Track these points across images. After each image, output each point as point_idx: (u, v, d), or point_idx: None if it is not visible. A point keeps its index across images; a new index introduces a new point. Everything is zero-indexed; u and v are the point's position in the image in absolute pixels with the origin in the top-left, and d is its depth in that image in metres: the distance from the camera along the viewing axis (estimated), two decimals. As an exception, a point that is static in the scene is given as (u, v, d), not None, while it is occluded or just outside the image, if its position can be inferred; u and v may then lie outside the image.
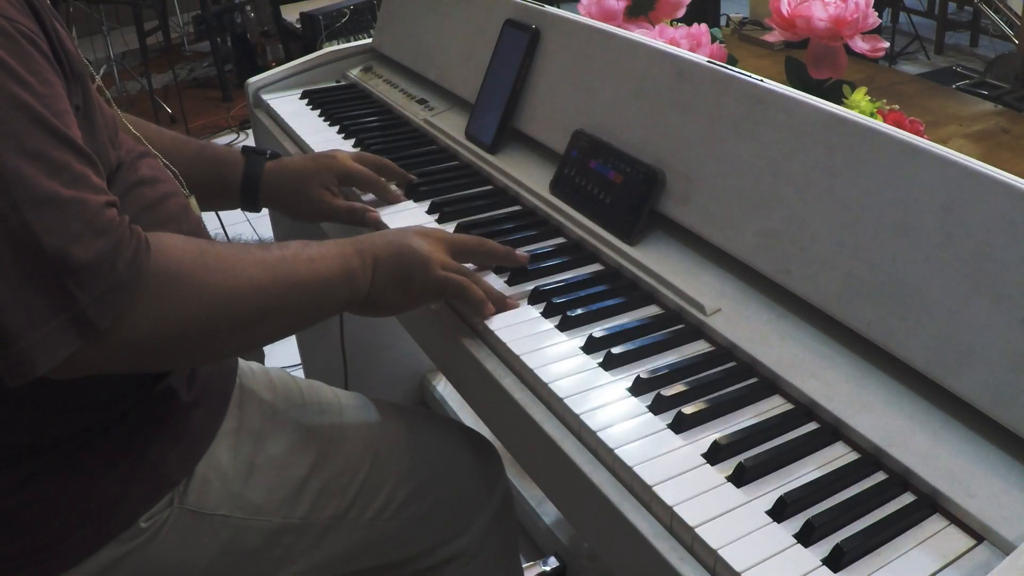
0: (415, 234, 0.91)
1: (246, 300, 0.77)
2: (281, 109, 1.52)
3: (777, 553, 0.63)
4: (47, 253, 0.65)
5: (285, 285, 0.80)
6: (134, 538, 0.84)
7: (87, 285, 0.66)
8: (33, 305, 0.65)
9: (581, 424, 0.76)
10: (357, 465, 0.98)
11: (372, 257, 0.87)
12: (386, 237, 0.90)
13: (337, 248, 0.86)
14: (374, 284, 0.87)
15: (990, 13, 3.71)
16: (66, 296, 0.66)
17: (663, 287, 0.92)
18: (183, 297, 0.73)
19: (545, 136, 1.18)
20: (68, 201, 0.66)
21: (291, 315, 0.83)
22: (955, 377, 0.71)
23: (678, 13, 1.42)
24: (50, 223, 0.65)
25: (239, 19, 4.31)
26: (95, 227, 0.67)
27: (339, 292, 0.85)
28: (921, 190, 0.76)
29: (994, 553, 0.62)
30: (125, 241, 0.69)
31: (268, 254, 0.81)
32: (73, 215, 0.66)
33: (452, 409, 1.82)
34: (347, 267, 0.85)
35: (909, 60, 4.57)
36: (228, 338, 0.78)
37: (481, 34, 1.34)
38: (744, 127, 0.92)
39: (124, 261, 0.68)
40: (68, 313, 0.66)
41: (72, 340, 0.67)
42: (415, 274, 0.88)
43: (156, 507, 0.85)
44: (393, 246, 0.88)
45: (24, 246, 0.64)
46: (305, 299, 0.82)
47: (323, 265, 0.83)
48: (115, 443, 0.82)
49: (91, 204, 0.68)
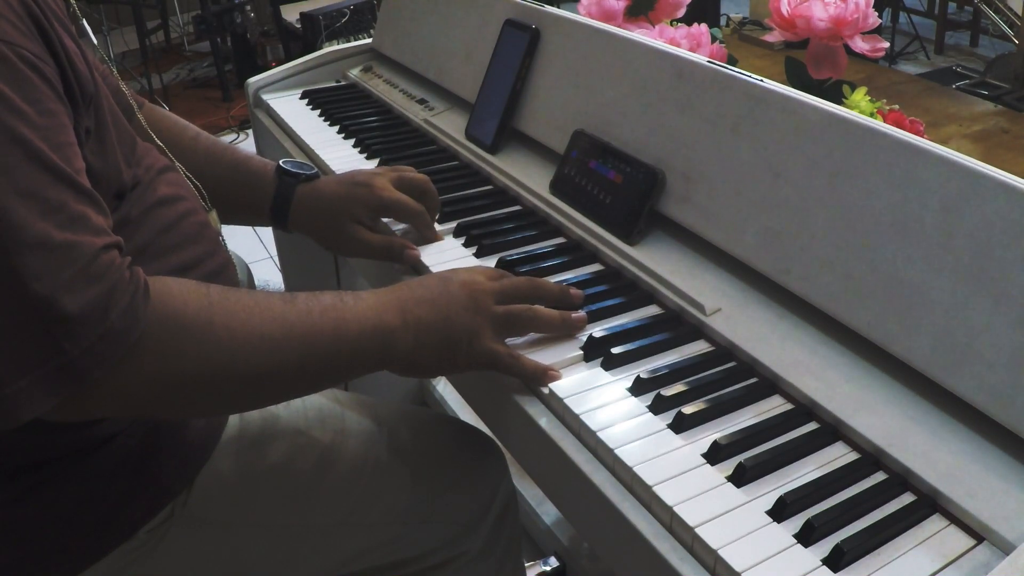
0: (461, 288, 0.82)
1: (254, 358, 0.71)
2: (281, 109, 1.52)
3: (777, 553, 0.63)
4: (33, 301, 0.61)
5: (301, 344, 0.73)
6: (135, 549, 0.83)
7: (77, 335, 0.62)
8: (17, 353, 0.61)
9: (581, 424, 0.76)
10: (359, 470, 0.97)
11: (414, 319, 0.79)
12: (429, 295, 0.81)
13: (374, 304, 0.79)
14: (416, 348, 0.79)
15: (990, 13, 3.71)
16: (53, 346, 0.62)
17: (663, 287, 0.92)
18: (182, 350, 0.68)
19: (545, 136, 1.18)
20: (60, 246, 0.62)
21: (312, 374, 0.76)
22: (955, 377, 0.71)
23: (678, 13, 1.42)
24: (39, 269, 0.61)
25: (239, 19, 4.30)
26: (88, 273, 0.63)
27: (371, 352, 0.78)
28: (921, 190, 0.76)
29: (994, 553, 0.62)
30: (122, 288, 0.65)
31: (288, 307, 0.74)
32: (65, 261, 0.62)
33: (452, 409, 1.81)
34: (384, 326, 0.78)
35: (909, 60, 4.57)
36: (231, 396, 0.74)
37: (481, 34, 1.34)
38: (744, 127, 0.92)
39: (118, 310, 0.64)
40: (55, 363, 0.62)
41: (59, 390, 0.63)
42: (461, 345, 0.81)
43: (157, 518, 0.84)
44: (438, 309, 0.80)
45: (9, 292, 0.60)
46: (328, 358, 0.76)
47: (355, 324, 0.76)
48: (115, 454, 0.81)
49: (85, 248, 0.64)
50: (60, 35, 0.70)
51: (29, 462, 0.78)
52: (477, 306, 0.82)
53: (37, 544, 0.79)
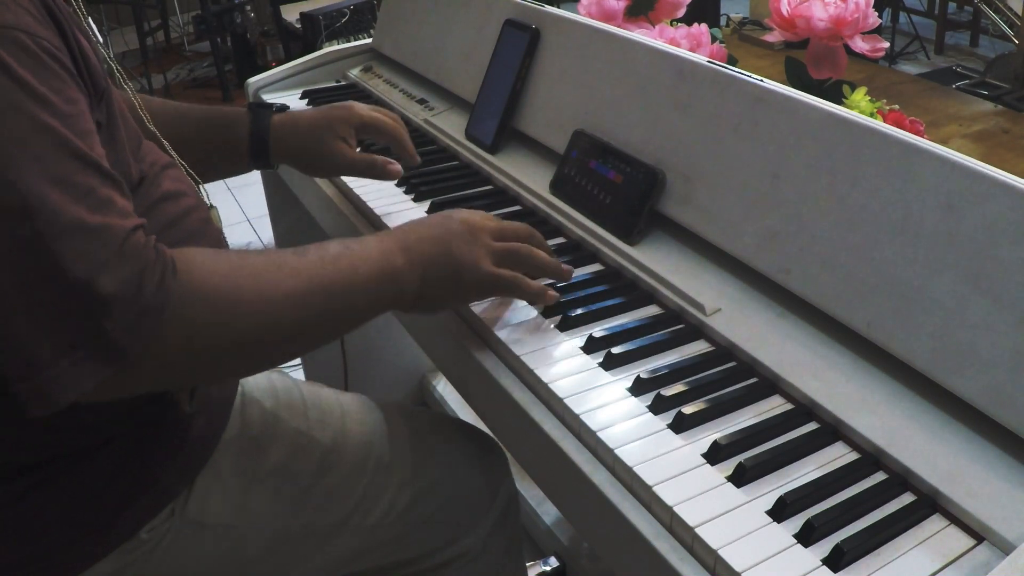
0: (465, 225, 0.85)
1: (282, 314, 0.73)
2: (281, 109, 1.52)
3: (777, 553, 0.63)
4: (73, 283, 0.62)
5: (323, 294, 0.76)
6: (135, 549, 0.83)
7: (114, 314, 0.64)
8: (59, 335, 0.63)
9: (581, 424, 0.76)
10: (359, 470, 0.97)
11: (418, 255, 0.82)
12: (431, 232, 0.84)
13: (379, 246, 0.81)
14: (423, 283, 0.82)
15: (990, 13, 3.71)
16: (93, 326, 0.63)
17: (663, 287, 0.92)
18: (215, 317, 0.70)
19: (545, 136, 1.18)
20: (94, 228, 0.64)
21: (333, 322, 0.79)
22: (955, 377, 0.71)
23: (678, 13, 1.42)
24: (76, 252, 0.63)
25: (239, 19, 4.30)
26: (122, 254, 0.65)
27: (383, 294, 0.81)
28: (921, 190, 0.76)
29: (994, 553, 0.62)
30: (152, 265, 0.66)
31: (303, 261, 0.76)
32: (99, 243, 0.64)
33: (452, 409, 1.82)
34: (391, 266, 0.80)
35: (909, 60, 4.57)
36: (266, 353, 0.76)
37: (481, 34, 1.34)
38: (744, 127, 0.92)
39: (151, 286, 0.66)
40: (95, 343, 0.64)
41: (100, 369, 0.65)
42: (465, 273, 0.84)
43: (157, 518, 0.84)
44: (440, 243, 0.83)
45: (49, 276, 0.62)
46: (346, 305, 0.78)
47: (365, 268, 0.79)
48: (115, 455, 0.81)
49: (117, 230, 0.65)
50: (73, 30, 0.71)
51: (30, 461, 0.78)
52: (476, 239, 0.85)
53: (38, 544, 0.79)
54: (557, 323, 0.90)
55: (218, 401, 0.90)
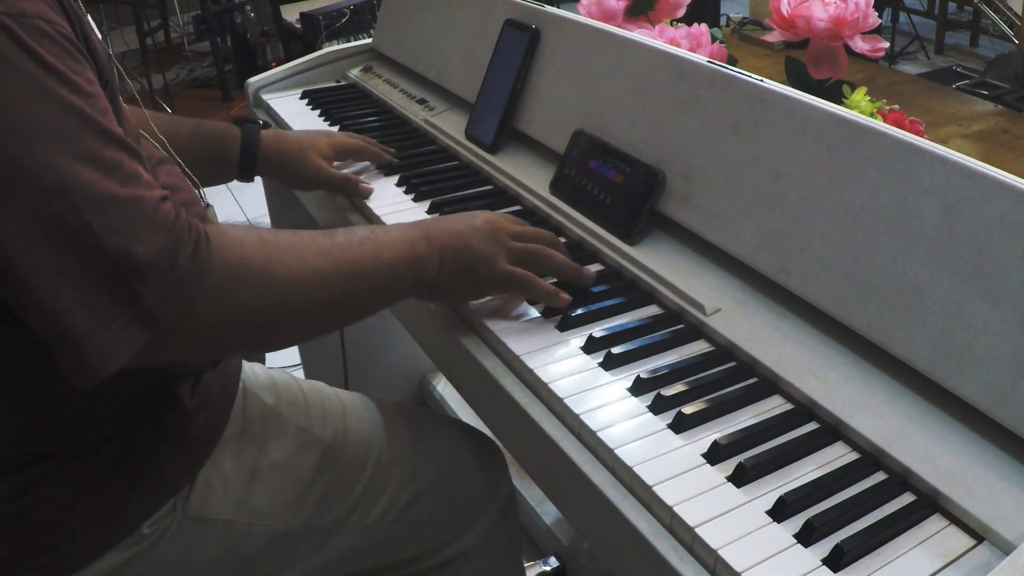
0: (484, 223, 0.89)
1: (310, 291, 0.76)
2: (281, 109, 1.52)
3: (777, 553, 0.63)
4: (110, 253, 0.65)
5: (349, 274, 0.79)
6: (137, 544, 0.83)
7: (150, 282, 0.67)
8: (99, 306, 0.65)
9: (581, 424, 0.76)
10: (360, 468, 0.98)
11: (439, 245, 0.86)
12: (453, 226, 0.88)
13: (403, 233, 0.85)
14: (440, 272, 0.86)
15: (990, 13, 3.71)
16: (130, 294, 0.66)
17: (663, 287, 0.92)
18: (245, 290, 0.73)
19: (545, 136, 1.18)
20: (126, 200, 0.67)
21: (356, 302, 0.82)
22: (955, 377, 0.71)
23: (678, 13, 1.42)
24: (111, 223, 0.65)
25: (239, 19, 4.30)
26: (154, 224, 0.68)
27: (404, 278, 0.84)
28: (921, 190, 0.76)
29: (994, 553, 0.62)
30: (184, 236, 0.69)
31: (331, 242, 0.80)
32: (132, 213, 0.67)
33: (452, 409, 1.82)
34: (413, 253, 0.84)
35: (909, 60, 4.57)
36: (292, 328, 0.79)
37: (481, 34, 1.34)
38: (744, 127, 0.92)
39: (185, 256, 0.68)
40: (133, 311, 0.66)
41: (137, 337, 0.67)
42: (480, 267, 0.87)
43: (159, 513, 0.84)
44: (461, 237, 0.87)
45: (87, 248, 0.65)
46: (370, 286, 0.82)
47: (389, 252, 0.83)
48: (118, 449, 0.82)
49: (147, 201, 0.68)
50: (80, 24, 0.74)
51: (35, 453, 0.79)
52: (496, 237, 0.89)
53: (40, 538, 0.79)
54: (557, 323, 0.90)
55: (219, 397, 0.91)
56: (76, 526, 0.80)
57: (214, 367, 0.91)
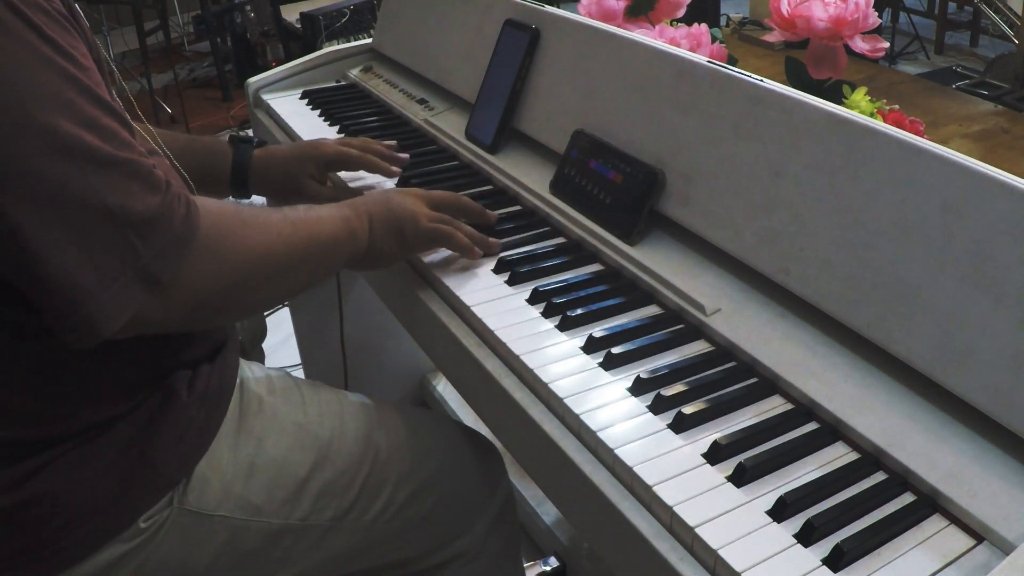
0: (398, 192, 1.01)
1: (279, 254, 0.84)
2: (281, 109, 1.52)
3: (777, 553, 0.63)
4: (112, 211, 0.69)
5: (306, 239, 0.87)
6: (133, 538, 0.84)
7: (149, 239, 0.71)
8: (102, 263, 0.69)
9: (581, 424, 0.76)
10: (358, 466, 0.98)
11: (367, 215, 0.95)
12: (375, 197, 0.99)
13: (337, 210, 0.94)
14: (372, 238, 0.95)
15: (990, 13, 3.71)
16: (131, 251, 0.70)
17: (663, 287, 0.92)
18: (229, 252, 0.79)
19: (545, 136, 1.18)
20: (124, 162, 0.70)
21: (311, 268, 0.90)
22: (955, 377, 0.71)
23: (678, 13, 1.42)
24: (112, 183, 0.69)
25: (239, 19, 4.30)
26: (150, 185, 0.72)
27: (345, 247, 0.93)
28: (921, 190, 0.76)
29: (994, 553, 0.63)
30: (177, 199, 0.74)
31: (290, 213, 0.88)
32: (130, 175, 0.71)
33: (452, 409, 1.82)
34: (348, 224, 0.93)
35: (909, 60, 4.57)
36: (265, 290, 0.85)
37: (481, 34, 1.34)
38: (744, 127, 0.92)
39: (179, 218, 0.73)
40: (134, 268, 0.70)
41: (138, 294, 0.71)
42: (406, 226, 0.97)
43: (156, 507, 0.85)
44: (383, 203, 0.97)
45: (90, 207, 0.68)
46: (321, 253, 0.90)
47: (330, 223, 0.91)
48: (115, 442, 0.82)
49: (143, 165, 0.72)
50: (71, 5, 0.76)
51: (34, 443, 0.79)
52: (411, 199, 1.00)
53: (37, 531, 0.79)
54: (557, 323, 0.90)
55: (217, 391, 0.91)
56: (72, 520, 0.80)
57: (211, 361, 0.91)
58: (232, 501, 0.89)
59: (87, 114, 0.69)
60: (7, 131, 0.65)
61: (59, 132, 0.67)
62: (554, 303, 0.92)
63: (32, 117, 0.66)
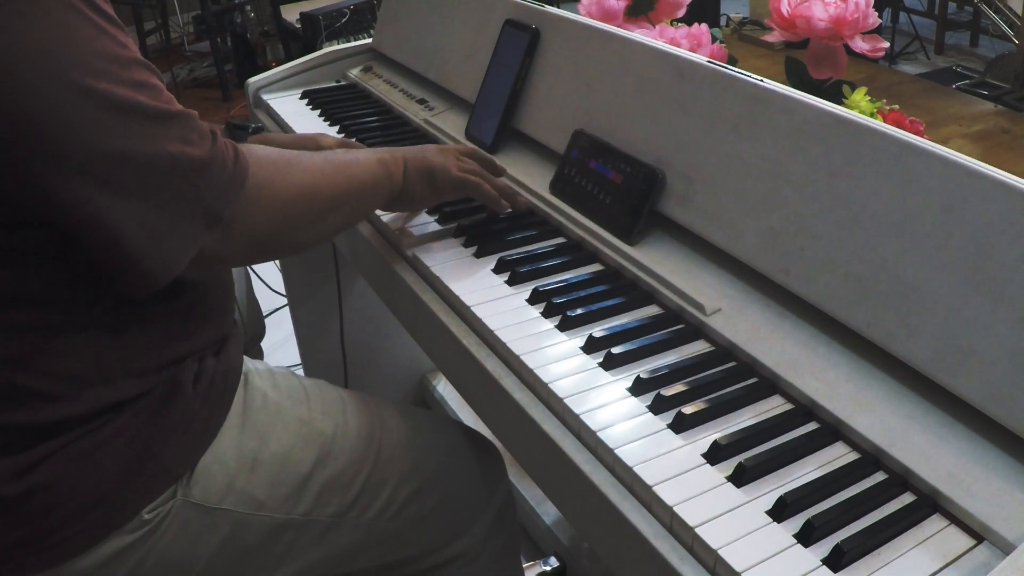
0: (434, 146, 1.08)
1: (323, 191, 0.90)
2: (281, 109, 1.52)
3: (777, 553, 0.63)
4: (175, 157, 0.75)
5: (346, 179, 0.94)
6: (137, 529, 0.84)
7: (209, 180, 0.77)
8: (169, 206, 0.75)
9: (581, 424, 0.76)
10: (359, 463, 0.98)
11: (403, 159, 1.02)
12: (411, 147, 1.06)
13: (374, 153, 1.01)
14: (406, 180, 1.01)
15: (990, 13, 3.71)
16: (194, 192, 0.76)
17: (663, 287, 0.92)
18: (278, 189, 0.85)
19: (545, 136, 1.18)
20: (177, 114, 0.77)
21: (353, 205, 0.96)
22: (955, 377, 0.71)
23: (678, 13, 1.42)
24: (170, 133, 0.75)
25: (239, 19, 4.30)
26: (202, 133, 0.78)
27: (381, 185, 0.99)
28: (921, 190, 0.76)
29: (994, 553, 0.63)
30: (224, 145, 0.80)
31: (330, 155, 0.95)
32: (184, 125, 0.77)
33: (452, 409, 1.82)
34: (385, 166, 0.99)
35: (909, 60, 4.56)
36: (312, 227, 0.91)
37: (481, 34, 1.34)
38: (744, 127, 0.92)
39: (230, 160, 0.79)
40: (198, 207, 0.77)
41: (202, 232, 0.78)
42: (438, 173, 1.03)
43: (159, 499, 0.85)
44: (418, 151, 1.05)
45: (155, 156, 0.74)
46: (361, 191, 0.96)
47: (368, 165, 0.98)
48: (120, 434, 0.82)
49: (192, 116, 0.78)
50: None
51: (41, 430, 0.79)
52: (447, 152, 1.07)
53: (41, 521, 0.79)
54: (557, 323, 0.90)
55: (222, 385, 0.91)
56: (76, 510, 0.80)
57: (216, 356, 0.92)
58: (235, 495, 0.89)
59: (138, 77, 0.75)
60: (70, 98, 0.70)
61: (117, 94, 0.72)
62: (554, 303, 0.92)
63: (95, 82, 0.71)
